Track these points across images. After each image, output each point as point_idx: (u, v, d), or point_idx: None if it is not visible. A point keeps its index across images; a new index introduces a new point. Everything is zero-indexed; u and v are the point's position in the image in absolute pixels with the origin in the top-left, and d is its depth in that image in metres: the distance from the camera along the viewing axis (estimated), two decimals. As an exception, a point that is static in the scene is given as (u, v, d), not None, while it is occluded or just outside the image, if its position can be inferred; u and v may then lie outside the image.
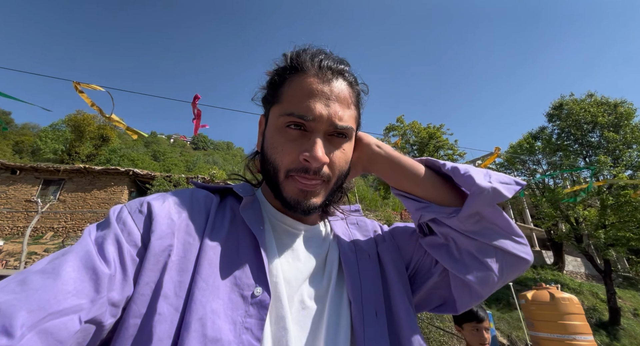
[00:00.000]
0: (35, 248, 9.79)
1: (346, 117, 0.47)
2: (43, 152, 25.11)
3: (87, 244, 0.37)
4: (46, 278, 0.32)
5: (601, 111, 11.88)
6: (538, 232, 18.27)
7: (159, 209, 0.43)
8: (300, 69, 0.47)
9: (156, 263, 0.39)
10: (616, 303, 9.91)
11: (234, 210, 0.50)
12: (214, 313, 0.37)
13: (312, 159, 0.43)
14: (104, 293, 0.34)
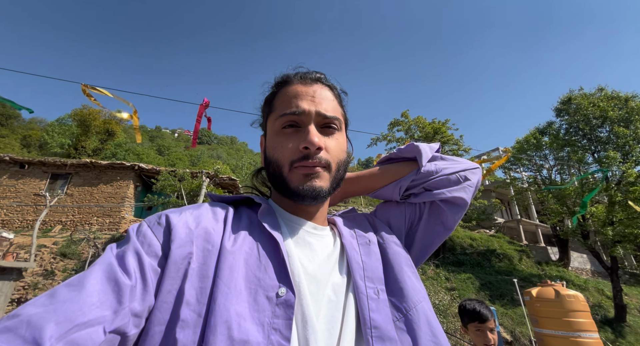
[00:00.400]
0: (44, 241, 9.98)
1: (331, 109, 0.54)
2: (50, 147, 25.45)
3: (109, 257, 0.40)
4: (72, 291, 0.34)
5: (611, 105, 11.62)
6: (543, 228, 18.13)
7: (176, 220, 0.45)
8: (286, 82, 0.56)
9: (177, 271, 0.40)
10: (622, 300, 9.85)
11: (249, 218, 0.52)
12: (239, 316, 0.38)
13: (309, 144, 0.48)
14: (126, 303, 0.36)
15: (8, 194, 12.25)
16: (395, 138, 14.42)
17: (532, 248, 15.41)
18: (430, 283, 9.53)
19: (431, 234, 0.66)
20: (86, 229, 11.49)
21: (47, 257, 9.00)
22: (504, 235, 16.69)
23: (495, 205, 13.62)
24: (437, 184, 0.64)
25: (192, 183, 10.48)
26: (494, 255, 13.38)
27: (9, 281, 7.07)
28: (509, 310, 8.95)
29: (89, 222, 12.02)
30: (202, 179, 9.90)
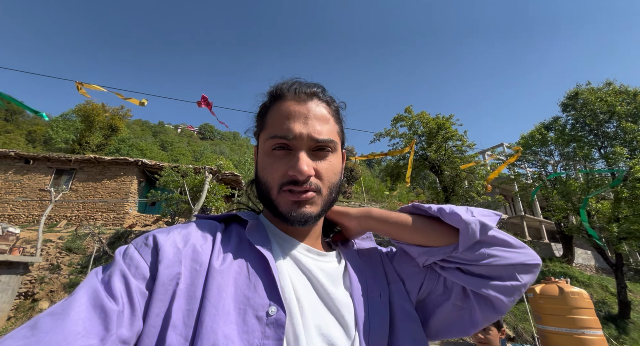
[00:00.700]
0: (50, 235, 10.11)
1: (325, 132, 0.51)
2: (55, 142, 25.63)
3: (95, 283, 0.38)
4: (56, 320, 0.33)
5: (619, 100, 11.42)
6: (547, 224, 18.03)
7: (164, 240, 0.44)
8: (279, 96, 0.54)
9: (165, 292, 0.39)
10: (626, 296, 9.80)
11: (239, 235, 0.51)
12: (227, 339, 0.37)
13: (297, 173, 0.47)
14: (113, 330, 0.34)
15: (14, 190, 12.39)
16: (399, 134, 14.31)
17: (535, 244, 15.34)
18: (432, 279, 9.55)
19: (452, 320, 0.57)
20: (91, 224, 11.60)
21: (52, 252, 9.11)
22: (507, 231, 16.62)
23: (499, 201, 13.53)
24: (476, 271, 0.53)
25: (195, 178, 10.51)
26: (497, 251, 13.34)
27: (16, 275, 7.18)
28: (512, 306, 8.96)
29: (93, 217, 12.14)
30: (205, 175, 9.92)
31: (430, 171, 13.81)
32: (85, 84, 3.00)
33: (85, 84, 3.00)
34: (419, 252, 0.55)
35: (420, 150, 13.87)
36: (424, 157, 13.56)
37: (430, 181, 14.37)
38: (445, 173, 13.04)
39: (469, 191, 12.86)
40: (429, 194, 14.35)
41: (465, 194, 12.95)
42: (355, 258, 0.59)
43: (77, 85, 2.96)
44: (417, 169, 14.02)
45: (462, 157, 12.97)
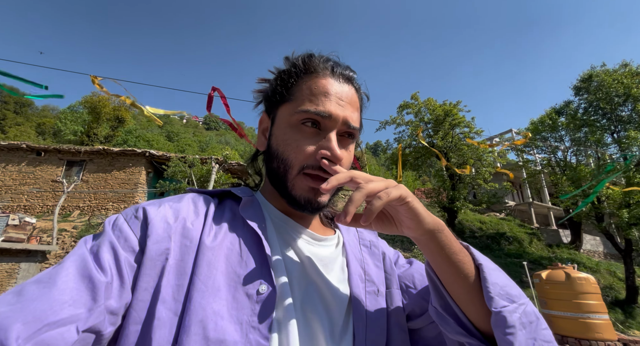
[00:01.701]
0: (64, 225, 10.43)
1: (356, 119, 0.50)
2: (64, 134, 26.02)
3: (83, 253, 0.37)
4: (42, 288, 0.32)
5: (636, 82, 10.99)
6: (556, 210, 17.85)
7: (154, 214, 0.42)
8: (314, 70, 0.50)
9: (153, 267, 0.38)
10: (635, 281, 9.77)
11: (233, 211, 0.49)
12: (216, 315, 0.36)
13: (333, 156, 0.45)
14: (101, 301, 0.34)
15: (27, 181, 12.72)
16: (405, 121, 14.11)
17: (543, 230, 15.27)
18: (438, 265, 9.64)
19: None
20: (103, 214, 11.92)
21: (68, 240, 9.43)
22: (514, 218, 16.55)
23: (507, 188, 13.39)
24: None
25: (202, 169, 10.62)
26: (503, 238, 13.34)
27: (35, 263, 7.48)
28: (518, 291, 9.02)
29: (105, 207, 12.45)
30: (212, 165, 10.02)
31: (437, 158, 13.68)
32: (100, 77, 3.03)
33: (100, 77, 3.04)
34: (457, 332, 0.42)
35: (427, 137, 13.70)
36: (431, 144, 13.40)
37: (437, 168, 14.25)
38: (452, 160, 12.90)
39: (476, 178, 12.74)
40: (435, 181, 14.26)
41: (472, 181, 12.84)
42: (356, 244, 0.57)
43: (93, 79, 3.00)
44: (423, 156, 13.89)
45: (470, 144, 12.78)
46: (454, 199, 12.21)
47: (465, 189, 12.53)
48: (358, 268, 0.52)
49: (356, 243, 0.57)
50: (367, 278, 0.52)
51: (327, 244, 0.53)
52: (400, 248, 11.10)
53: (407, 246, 11.30)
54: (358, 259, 0.54)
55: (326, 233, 0.56)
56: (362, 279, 0.51)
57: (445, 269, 0.43)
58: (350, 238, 0.57)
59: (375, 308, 0.49)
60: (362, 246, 0.58)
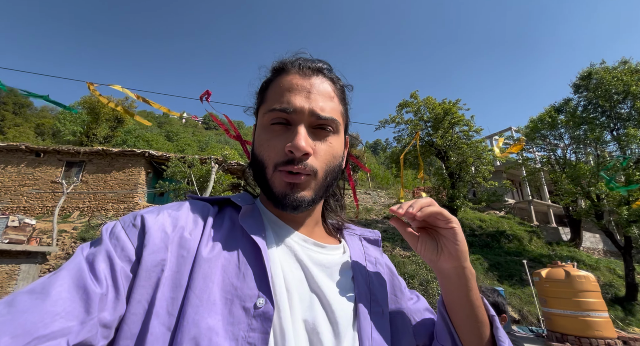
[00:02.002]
0: (64, 226, 10.43)
1: (328, 109, 0.48)
2: (63, 135, 25.97)
3: (80, 261, 0.36)
4: (34, 299, 0.31)
5: (635, 79, 10.98)
6: (555, 208, 17.87)
7: (152, 222, 0.41)
8: (282, 70, 0.50)
9: (148, 279, 0.37)
10: (634, 279, 9.79)
11: (232, 220, 0.48)
12: (210, 330, 0.35)
13: (295, 149, 0.43)
14: (94, 313, 0.33)
15: (27, 182, 12.70)
16: (404, 120, 14.10)
17: (543, 228, 15.28)
18: (438, 264, 9.65)
19: None
20: (102, 215, 11.92)
21: (68, 241, 9.42)
22: (514, 216, 16.57)
23: (506, 186, 13.40)
24: None
25: (202, 169, 10.61)
26: (503, 236, 13.35)
27: (35, 264, 7.48)
28: (517, 290, 9.03)
29: (104, 208, 12.44)
30: (212, 165, 10.01)
31: (437, 157, 13.67)
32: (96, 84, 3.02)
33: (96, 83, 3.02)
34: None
35: (426, 136, 13.68)
36: (430, 143, 13.39)
37: (437, 167, 14.25)
38: (451, 158, 12.90)
39: (475, 176, 12.74)
40: (435, 180, 14.26)
41: (472, 180, 12.85)
42: (362, 259, 0.55)
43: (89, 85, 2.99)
44: (423, 155, 13.89)
45: (469, 142, 12.77)
46: (453, 197, 12.21)
47: (465, 187, 12.54)
48: (364, 286, 0.50)
49: (362, 259, 0.55)
50: (373, 297, 0.50)
51: (330, 252, 0.51)
52: (401, 247, 11.11)
53: (407, 244, 11.31)
54: (364, 276, 0.52)
55: (329, 241, 0.54)
56: (368, 299, 0.49)
57: (461, 308, 0.47)
58: (356, 252, 0.55)
59: (381, 331, 0.47)
60: (368, 262, 0.55)
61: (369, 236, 0.61)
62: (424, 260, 0.52)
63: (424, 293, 7.77)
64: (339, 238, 0.58)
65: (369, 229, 0.63)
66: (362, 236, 0.60)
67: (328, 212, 0.59)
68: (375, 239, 0.61)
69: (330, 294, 0.45)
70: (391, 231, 13.12)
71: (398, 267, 9.27)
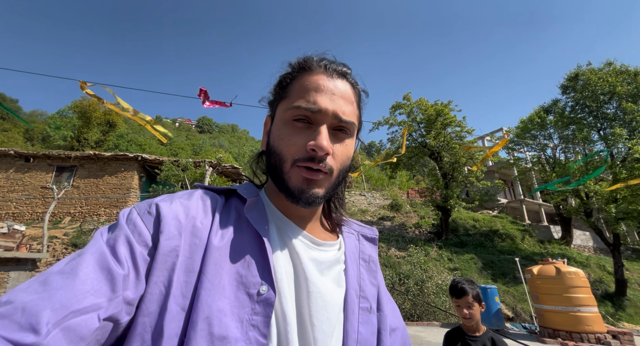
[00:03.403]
0: (55, 232, 10.24)
1: (349, 113, 0.50)
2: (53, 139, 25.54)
3: (101, 245, 0.39)
4: (65, 278, 0.34)
5: (620, 80, 11.30)
6: (546, 207, 18.17)
7: (166, 211, 0.44)
8: (308, 68, 0.51)
9: (164, 262, 0.40)
10: (623, 275, 10.00)
11: (238, 211, 0.51)
12: (220, 312, 0.39)
13: (318, 148, 0.45)
14: (119, 292, 0.36)
15: (16, 188, 12.45)
16: (397, 122, 14.24)
17: (535, 227, 15.52)
18: (433, 263, 9.71)
19: None
20: (94, 220, 11.74)
21: (59, 248, 9.26)
22: (507, 215, 16.80)
23: (499, 186, 13.60)
24: None
25: (196, 172, 10.56)
26: (496, 235, 13.53)
27: (25, 271, 7.33)
28: (511, 287, 9.15)
29: (96, 213, 12.25)
30: (205, 168, 9.96)
31: (430, 157, 13.82)
32: (89, 83, 2.99)
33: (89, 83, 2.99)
34: None
35: (419, 137, 13.83)
36: (423, 144, 13.54)
37: (430, 167, 14.40)
38: (444, 159, 13.05)
39: (468, 176, 12.91)
40: (428, 180, 14.40)
41: (465, 180, 13.01)
42: (356, 257, 0.58)
43: (81, 84, 2.96)
44: (416, 156, 14.02)
45: (461, 143, 12.94)
46: (447, 197, 12.34)
47: (458, 187, 12.69)
48: (354, 283, 0.53)
49: (356, 256, 0.58)
50: (362, 293, 0.54)
51: (326, 249, 0.54)
52: (396, 247, 11.18)
53: (402, 245, 11.38)
54: (355, 273, 0.55)
55: (326, 238, 0.57)
56: (357, 294, 0.53)
57: None
58: (351, 249, 0.58)
59: (368, 325, 0.51)
60: (361, 259, 0.58)
61: (366, 234, 0.63)
62: None
63: (419, 292, 7.83)
64: (337, 234, 0.60)
65: (368, 226, 0.66)
66: (360, 233, 0.63)
67: (330, 208, 0.62)
68: (372, 237, 0.64)
69: (322, 288, 0.48)
70: (386, 232, 13.18)
71: (393, 267, 9.32)
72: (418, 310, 7.54)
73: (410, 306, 7.65)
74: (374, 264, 0.60)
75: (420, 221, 14.44)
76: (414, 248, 10.22)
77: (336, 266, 0.53)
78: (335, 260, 0.54)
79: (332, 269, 0.52)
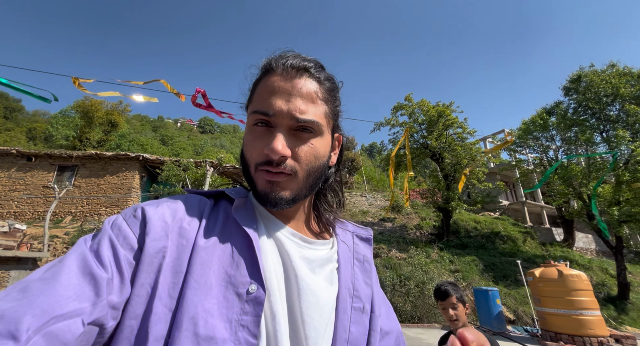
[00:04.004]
0: (56, 231, 10.26)
1: (310, 112, 0.48)
2: (56, 139, 25.66)
3: (83, 251, 0.38)
4: (46, 284, 0.33)
5: (623, 82, 11.24)
6: (548, 209, 18.08)
7: (152, 213, 0.44)
8: (269, 70, 0.50)
9: (150, 264, 0.40)
10: (626, 278, 9.92)
11: (227, 212, 0.51)
12: (206, 312, 0.38)
13: (271, 152, 0.45)
14: (103, 296, 0.35)
15: (18, 187, 12.50)
16: (399, 123, 14.22)
17: (536, 229, 15.44)
18: (434, 265, 9.67)
19: None
20: (95, 220, 11.76)
21: (60, 247, 9.28)
22: (508, 217, 16.72)
23: (500, 187, 13.55)
24: None
25: (197, 172, 10.57)
26: (498, 237, 13.46)
27: (25, 270, 7.34)
28: (512, 290, 9.09)
29: (97, 212, 12.28)
30: (206, 168, 9.97)
31: (431, 159, 13.79)
32: (82, 79, 3.00)
33: (82, 79, 3.00)
34: None
35: (420, 138, 13.80)
36: (425, 145, 13.51)
37: (432, 169, 14.36)
38: (446, 160, 13.02)
39: (469, 178, 12.87)
40: (430, 182, 14.36)
41: (466, 181, 12.97)
42: (349, 256, 0.57)
43: (74, 80, 2.97)
44: (417, 157, 13.99)
45: (463, 144, 12.91)
46: (448, 199, 12.30)
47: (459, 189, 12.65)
48: (348, 282, 0.53)
49: (350, 256, 0.57)
50: (355, 293, 0.53)
51: (317, 247, 0.53)
52: (397, 249, 11.14)
53: (403, 246, 11.34)
54: (349, 272, 0.54)
55: (317, 236, 0.56)
56: (350, 294, 0.52)
57: None
58: (345, 248, 0.57)
59: (359, 326, 0.50)
60: (355, 259, 0.58)
61: (361, 234, 0.63)
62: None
63: (420, 294, 7.79)
64: (330, 233, 0.59)
65: (362, 226, 0.65)
66: (355, 233, 0.62)
67: (323, 207, 0.61)
68: (367, 237, 0.63)
69: (314, 285, 0.48)
70: (387, 233, 13.14)
71: (394, 269, 9.29)
72: (419, 312, 7.50)
73: (411, 308, 7.61)
74: (369, 264, 0.59)
75: (422, 223, 14.40)
76: (414, 250, 10.18)
77: (328, 264, 0.53)
78: (327, 259, 0.53)
79: (324, 268, 0.52)
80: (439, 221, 13.78)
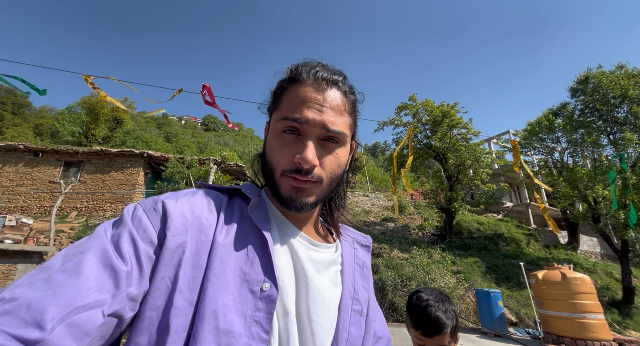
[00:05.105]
0: (62, 226, 10.40)
1: (338, 123, 0.50)
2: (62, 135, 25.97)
3: (104, 242, 0.40)
4: (69, 276, 0.35)
5: (632, 83, 11.08)
6: (553, 212, 17.92)
7: (173, 208, 0.45)
8: (298, 79, 0.52)
9: (171, 258, 0.41)
10: (631, 282, 9.81)
11: (241, 210, 0.52)
12: (225, 307, 0.40)
13: (303, 161, 0.46)
14: (123, 288, 0.37)
15: (25, 182, 12.68)
16: (403, 122, 14.16)
17: (540, 231, 15.32)
18: (436, 266, 9.64)
19: None
20: (100, 215, 11.89)
21: (65, 241, 9.40)
22: (512, 219, 16.60)
23: (504, 189, 13.44)
24: None
25: (200, 169, 10.64)
26: (501, 239, 13.37)
27: (32, 264, 7.45)
28: (515, 292, 9.04)
29: (102, 208, 12.41)
30: (210, 166, 10.02)
31: (435, 159, 13.72)
32: (92, 77, 3.05)
33: (92, 76, 3.05)
34: None
35: (424, 139, 13.73)
36: (428, 145, 13.44)
37: (435, 169, 14.29)
38: (449, 161, 12.95)
39: (473, 179, 12.78)
40: (433, 182, 14.29)
41: (470, 183, 12.89)
42: (351, 261, 0.60)
43: (85, 78, 3.01)
44: (421, 158, 13.93)
45: (467, 145, 12.82)
46: (451, 200, 12.24)
47: (462, 190, 12.57)
48: (349, 285, 0.56)
49: (351, 261, 0.60)
50: (355, 296, 0.56)
51: (323, 250, 0.56)
52: (399, 249, 11.12)
53: (405, 247, 11.32)
54: (350, 276, 0.57)
55: (323, 240, 0.59)
56: (351, 296, 0.55)
57: None
58: (347, 253, 0.60)
59: (357, 327, 0.53)
60: (356, 264, 0.61)
61: (361, 241, 0.66)
62: None
63: (422, 295, 7.76)
64: (333, 237, 0.62)
65: (362, 233, 0.69)
66: (355, 240, 0.65)
67: (328, 211, 0.64)
68: (366, 244, 0.66)
69: (321, 286, 0.50)
70: (389, 233, 13.12)
71: (396, 269, 9.27)
72: (420, 313, 7.48)
73: (412, 309, 7.59)
74: (367, 270, 0.62)
75: (424, 223, 14.35)
76: (417, 250, 10.16)
77: (332, 266, 0.55)
78: (332, 261, 0.56)
79: (329, 270, 0.54)
80: (441, 221, 13.72)
